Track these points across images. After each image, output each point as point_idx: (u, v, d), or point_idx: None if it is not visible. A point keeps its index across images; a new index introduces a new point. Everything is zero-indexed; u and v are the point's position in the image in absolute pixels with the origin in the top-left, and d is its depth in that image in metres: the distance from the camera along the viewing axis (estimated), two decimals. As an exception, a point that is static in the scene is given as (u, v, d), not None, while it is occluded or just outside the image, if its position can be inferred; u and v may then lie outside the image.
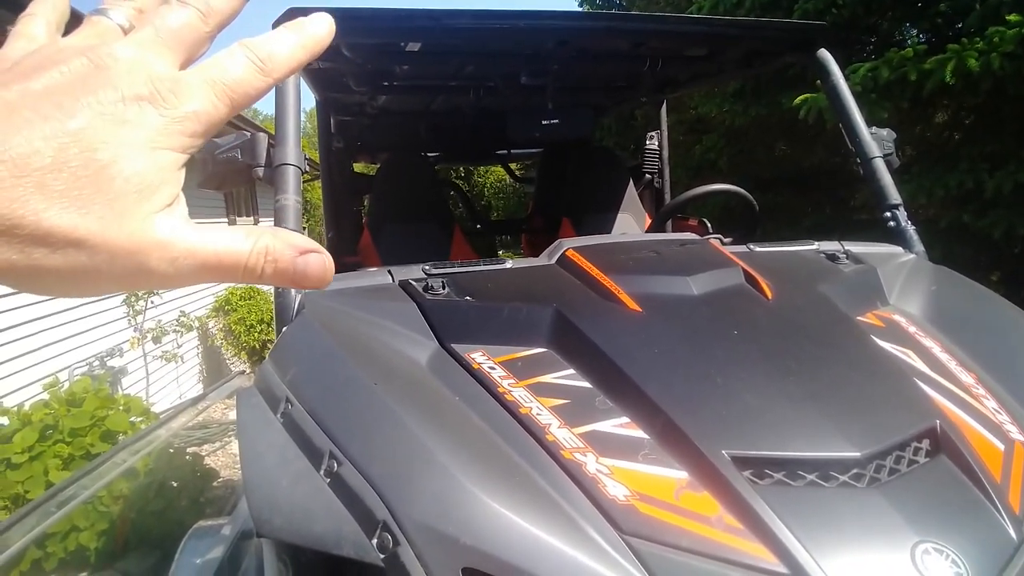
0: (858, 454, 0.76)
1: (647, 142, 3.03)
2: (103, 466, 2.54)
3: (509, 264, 1.28)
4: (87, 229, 0.25)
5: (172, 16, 0.29)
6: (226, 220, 8.07)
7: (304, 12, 0.33)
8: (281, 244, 0.30)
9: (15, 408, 2.96)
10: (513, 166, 4.32)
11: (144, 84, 0.27)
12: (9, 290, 3.90)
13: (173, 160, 0.28)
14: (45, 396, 3.09)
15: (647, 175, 3.03)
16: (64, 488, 2.37)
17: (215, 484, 3.19)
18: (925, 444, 0.84)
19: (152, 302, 5.19)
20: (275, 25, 0.32)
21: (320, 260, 0.31)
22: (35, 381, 3.96)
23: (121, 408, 3.08)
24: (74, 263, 0.26)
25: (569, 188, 2.90)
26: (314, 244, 0.31)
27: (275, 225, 1.22)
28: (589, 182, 2.86)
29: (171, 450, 3.06)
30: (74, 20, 0.32)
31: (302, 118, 1.34)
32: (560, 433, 0.81)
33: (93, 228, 0.25)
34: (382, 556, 0.66)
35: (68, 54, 0.27)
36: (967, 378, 1.04)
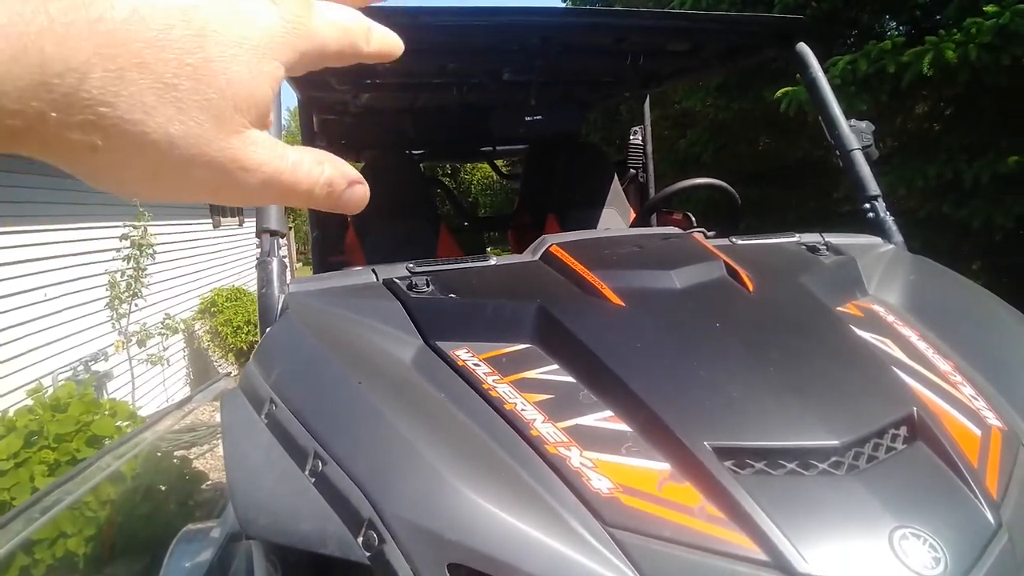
0: (837, 442, 0.78)
1: (631, 137, 3.05)
2: (89, 470, 2.52)
3: (493, 261, 1.28)
4: (183, 127, 0.22)
5: None
6: (210, 221, 8.01)
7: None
8: (338, 174, 0.29)
9: (-1, 414, 2.92)
10: (500, 163, 4.32)
11: None
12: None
13: (277, 75, 0.25)
14: (29, 402, 3.05)
15: (631, 170, 3.04)
16: (49, 492, 2.34)
17: (203, 487, 3.17)
18: (903, 431, 0.85)
19: (136, 305, 5.13)
20: None
21: (363, 191, 0.31)
22: (19, 387, 3.91)
23: (107, 413, 3.05)
24: (160, 163, 0.23)
25: (555, 184, 2.90)
26: (359, 175, 0.31)
27: (257, 222, 1.22)
28: (574, 178, 2.86)
29: (158, 453, 3.04)
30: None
31: (286, 117, 1.33)
32: (544, 428, 0.82)
33: (190, 130, 0.22)
34: (368, 554, 0.66)
35: None
36: (945, 366, 1.06)
